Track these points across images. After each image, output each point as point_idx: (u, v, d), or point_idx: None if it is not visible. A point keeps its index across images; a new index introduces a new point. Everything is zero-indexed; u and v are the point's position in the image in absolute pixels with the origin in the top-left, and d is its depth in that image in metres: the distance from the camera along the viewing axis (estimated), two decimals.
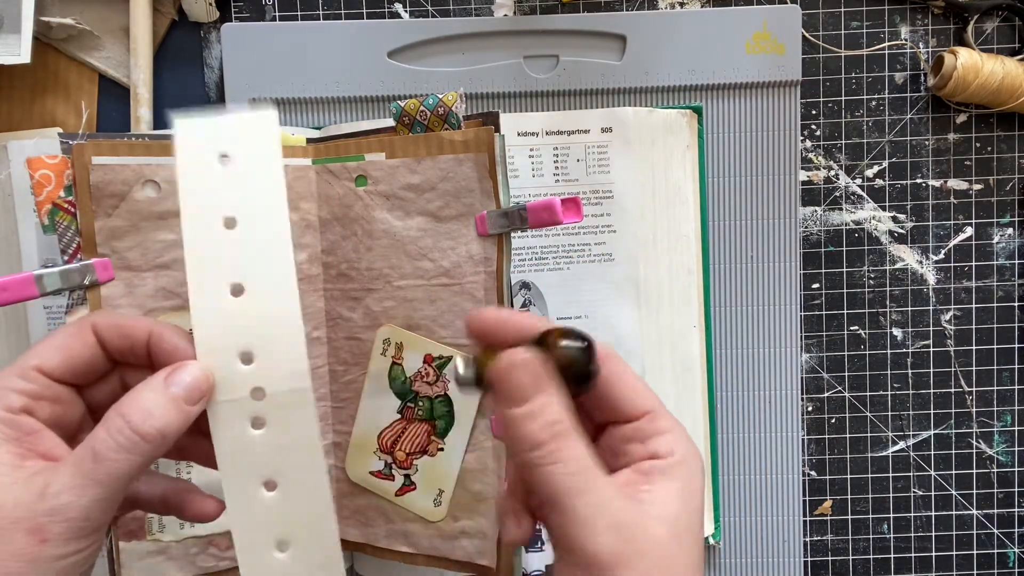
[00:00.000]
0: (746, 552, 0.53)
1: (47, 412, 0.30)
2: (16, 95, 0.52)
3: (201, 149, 0.32)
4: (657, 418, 0.31)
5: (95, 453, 0.28)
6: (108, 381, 0.33)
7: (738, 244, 0.52)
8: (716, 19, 0.51)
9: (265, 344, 0.31)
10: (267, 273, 0.31)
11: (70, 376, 0.31)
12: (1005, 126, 0.53)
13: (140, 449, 0.28)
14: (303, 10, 0.52)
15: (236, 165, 0.32)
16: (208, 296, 0.31)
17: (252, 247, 0.31)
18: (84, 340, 0.31)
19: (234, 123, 0.32)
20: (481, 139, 0.41)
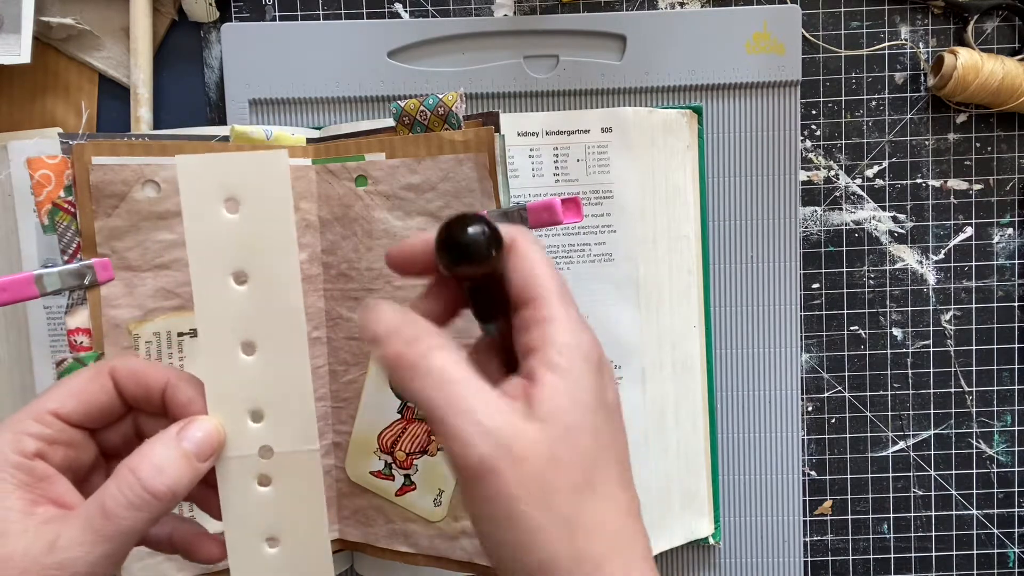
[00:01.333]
0: (746, 552, 0.53)
1: (60, 456, 0.30)
2: (16, 95, 0.52)
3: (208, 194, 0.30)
4: (539, 306, 0.29)
5: (105, 510, 0.28)
6: (122, 424, 0.33)
7: (738, 244, 0.52)
8: (716, 19, 0.51)
9: (276, 403, 0.31)
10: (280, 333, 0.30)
11: (86, 421, 0.31)
12: (1005, 126, 0.53)
13: (150, 506, 0.28)
14: (303, 10, 0.52)
15: (247, 212, 0.30)
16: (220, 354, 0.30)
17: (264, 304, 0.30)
18: (102, 385, 0.31)
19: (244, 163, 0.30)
20: (481, 139, 0.41)
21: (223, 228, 0.30)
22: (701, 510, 0.52)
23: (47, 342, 0.47)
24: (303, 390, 0.31)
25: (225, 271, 0.30)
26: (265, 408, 0.31)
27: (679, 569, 0.53)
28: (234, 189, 0.30)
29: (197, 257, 0.30)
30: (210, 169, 0.30)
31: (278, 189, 0.30)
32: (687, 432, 0.52)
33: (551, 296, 0.29)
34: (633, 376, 0.50)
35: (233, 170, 0.30)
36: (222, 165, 0.30)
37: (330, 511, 0.47)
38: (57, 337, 0.47)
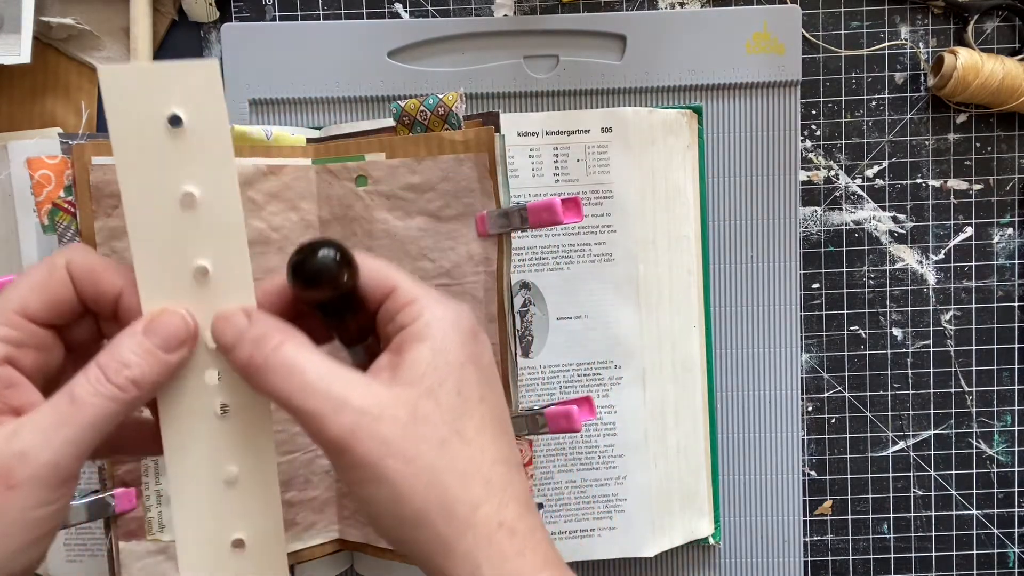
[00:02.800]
0: (746, 552, 0.53)
1: (30, 360, 0.29)
2: (16, 95, 0.52)
3: (140, 109, 0.28)
4: (400, 293, 0.29)
5: (72, 396, 0.27)
6: (86, 323, 0.31)
7: (738, 244, 0.52)
8: (716, 19, 0.51)
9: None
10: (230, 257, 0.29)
11: (52, 318, 0.29)
12: (1005, 126, 0.53)
13: (116, 398, 0.27)
14: (303, 10, 0.52)
15: (189, 129, 0.28)
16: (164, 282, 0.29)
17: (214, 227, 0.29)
18: (61, 279, 0.29)
19: (179, 74, 0.28)
20: (481, 139, 0.41)
21: (160, 145, 0.28)
22: (701, 510, 0.52)
23: None
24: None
25: (171, 197, 0.28)
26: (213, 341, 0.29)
27: (679, 569, 0.53)
28: (168, 102, 0.28)
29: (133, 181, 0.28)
30: (142, 81, 0.28)
31: (214, 102, 0.28)
32: (687, 432, 0.52)
33: (408, 281, 0.30)
34: (633, 376, 0.50)
35: (166, 82, 0.28)
36: (154, 76, 0.28)
37: (330, 511, 0.47)
38: None
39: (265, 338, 0.28)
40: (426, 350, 0.28)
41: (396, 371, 0.28)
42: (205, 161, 0.28)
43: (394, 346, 0.29)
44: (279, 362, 0.27)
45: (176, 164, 0.28)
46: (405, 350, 0.28)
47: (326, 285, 0.28)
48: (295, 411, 0.27)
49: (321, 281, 0.28)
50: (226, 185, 0.29)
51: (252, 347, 0.28)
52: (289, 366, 0.27)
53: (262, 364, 0.27)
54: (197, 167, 0.28)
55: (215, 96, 0.28)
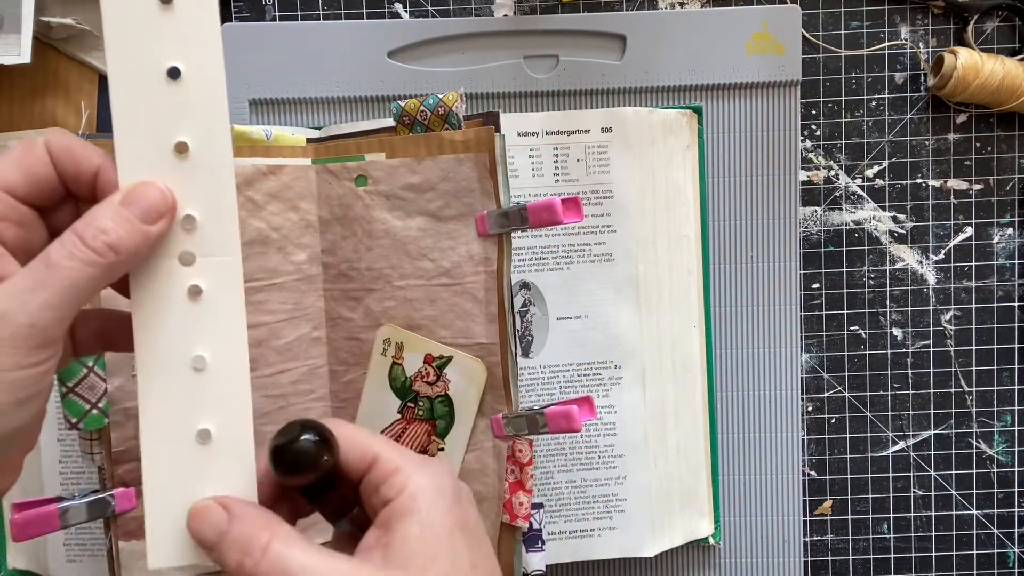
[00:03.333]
0: (746, 552, 0.53)
1: (12, 235, 0.29)
2: (16, 95, 0.52)
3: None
4: (382, 463, 0.30)
5: (48, 261, 0.27)
6: (67, 206, 0.31)
7: (738, 244, 0.52)
8: (716, 19, 0.51)
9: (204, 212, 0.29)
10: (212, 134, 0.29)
11: (33, 195, 0.29)
12: (1005, 126, 0.53)
13: (94, 261, 0.27)
14: (303, 10, 0.52)
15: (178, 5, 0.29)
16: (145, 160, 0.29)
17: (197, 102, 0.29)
18: (40, 158, 0.29)
19: None
20: (481, 139, 0.41)
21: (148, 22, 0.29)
22: (701, 510, 0.52)
23: None
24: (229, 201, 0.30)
25: (152, 65, 0.29)
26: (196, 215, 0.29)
27: (679, 569, 0.53)
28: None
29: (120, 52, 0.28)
30: None
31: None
32: (687, 432, 0.52)
33: (388, 450, 0.30)
34: (633, 376, 0.50)
35: None
36: None
37: None
38: None
39: (252, 541, 0.28)
40: (414, 526, 0.28)
41: (387, 551, 0.28)
42: (192, 35, 0.29)
43: (381, 521, 0.29)
44: (271, 567, 0.27)
45: (163, 37, 0.29)
46: (393, 527, 0.28)
47: (307, 470, 0.28)
48: None
49: (302, 467, 0.28)
50: (211, 60, 0.29)
51: (240, 553, 0.28)
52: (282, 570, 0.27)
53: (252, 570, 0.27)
54: (184, 41, 0.29)
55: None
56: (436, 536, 0.28)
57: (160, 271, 0.29)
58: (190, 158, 0.29)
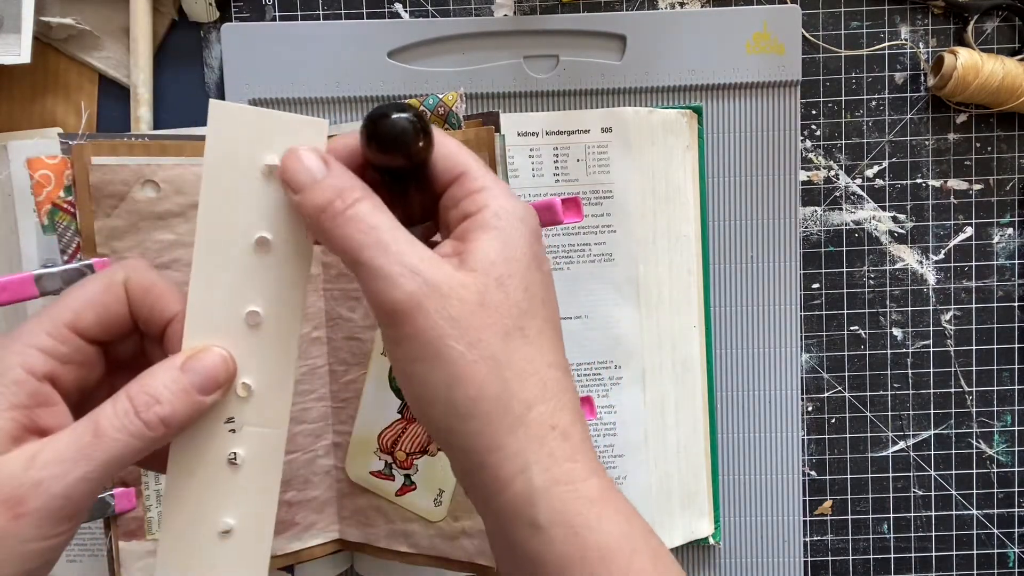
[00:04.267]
0: (746, 552, 0.53)
1: (72, 377, 0.28)
2: (16, 95, 0.52)
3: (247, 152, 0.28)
4: (469, 179, 0.28)
5: (97, 429, 0.26)
6: (132, 339, 0.30)
7: (738, 244, 0.52)
8: (716, 19, 0.51)
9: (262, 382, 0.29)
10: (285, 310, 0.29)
11: (101, 334, 0.28)
12: (1005, 126, 0.53)
13: (143, 435, 0.26)
14: (303, 10, 0.52)
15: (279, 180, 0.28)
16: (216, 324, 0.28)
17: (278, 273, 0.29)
18: (116, 296, 0.28)
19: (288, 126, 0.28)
20: (481, 139, 0.41)
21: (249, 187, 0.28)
22: (701, 510, 0.52)
23: None
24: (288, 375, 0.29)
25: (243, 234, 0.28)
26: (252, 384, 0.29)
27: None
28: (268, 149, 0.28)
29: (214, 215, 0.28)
30: (251, 122, 0.28)
31: None
32: (687, 432, 0.52)
33: (480, 168, 0.29)
34: (633, 376, 0.50)
35: (271, 129, 0.28)
36: (261, 121, 0.28)
37: (330, 511, 0.47)
38: None
39: (346, 190, 0.27)
40: (495, 240, 0.27)
41: (464, 257, 0.27)
42: (286, 211, 0.28)
43: (459, 232, 0.28)
44: (356, 214, 0.26)
45: (259, 209, 0.28)
46: (472, 238, 0.27)
47: (401, 150, 0.27)
48: (363, 266, 0.26)
49: (397, 145, 0.26)
50: (300, 238, 0.29)
51: (332, 193, 0.26)
52: (367, 220, 0.26)
53: (340, 212, 0.26)
54: (277, 216, 0.28)
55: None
56: (515, 257, 0.27)
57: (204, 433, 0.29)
58: (260, 328, 0.29)
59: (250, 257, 0.28)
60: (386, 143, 0.26)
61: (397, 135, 0.26)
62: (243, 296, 0.28)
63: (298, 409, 0.45)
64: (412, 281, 0.26)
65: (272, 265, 0.29)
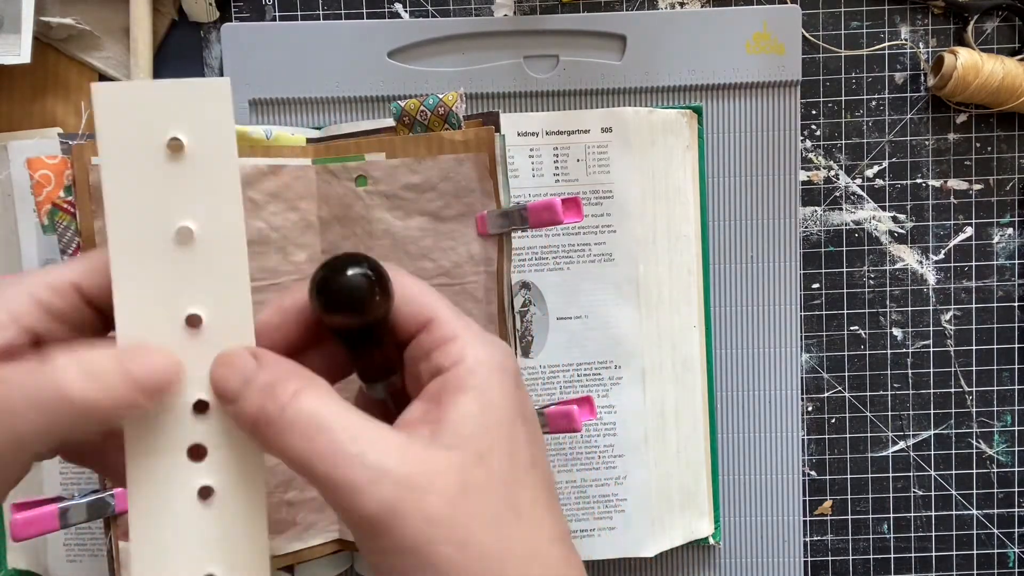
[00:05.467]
0: (746, 552, 0.53)
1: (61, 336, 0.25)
2: (16, 95, 0.52)
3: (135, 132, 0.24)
4: (439, 326, 0.25)
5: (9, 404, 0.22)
6: None
7: (738, 244, 0.52)
8: (716, 19, 0.51)
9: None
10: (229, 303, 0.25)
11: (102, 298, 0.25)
12: (1005, 126, 0.53)
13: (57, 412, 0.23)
14: (303, 10, 0.52)
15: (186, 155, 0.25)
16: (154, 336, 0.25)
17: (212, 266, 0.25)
18: None
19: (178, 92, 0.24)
20: (481, 139, 0.41)
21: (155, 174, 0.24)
22: (701, 510, 0.52)
23: None
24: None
25: (159, 226, 0.25)
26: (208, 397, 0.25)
27: (679, 569, 0.53)
28: (168, 126, 0.24)
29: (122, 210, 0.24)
30: (137, 100, 0.24)
31: (223, 124, 0.25)
32: (687, 432, 0.52)
33: (449, 312, 0.26)
34: (633, 376, 0.50)
35: (165, 102, 0.24)
36: (152, 94, 0.24)
37: (330, 511, 0.47)
38: None
39: (278, 385, 0.23)
40: (472, 404, 0.24)
41: (437, 427, 0.24)
42: (208, 192, 0.25)
43: (430, 394, 0.25)
44: (297, 416, 0.23)
45: (173, 194, 0.25)
46: (445, 402, 0.24)
47: (356, 311, 0.24)
48: (320, 480, 0.23)
49: (351, 306, 0.24)
50: (230, 220, 0.25)
51: (263, 397, 0.23)
52: (310, 422, 0.23)
53: (276, 418, 0.23)
54: (198, 198, 0.25)
55: (223, 119, 0.25)
56: (497, 421, 0.24)
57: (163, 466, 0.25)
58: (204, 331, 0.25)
59: (173, 250, 0.25)
60: (338, 305, 0.24)
61: (350, 294, 0.24)
62: (178, 296, 0.25)
63: None
64: (382, 487, 0.22)
65: (202, 255, 0.25)
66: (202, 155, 0.25)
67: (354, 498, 0.22)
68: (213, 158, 0.25)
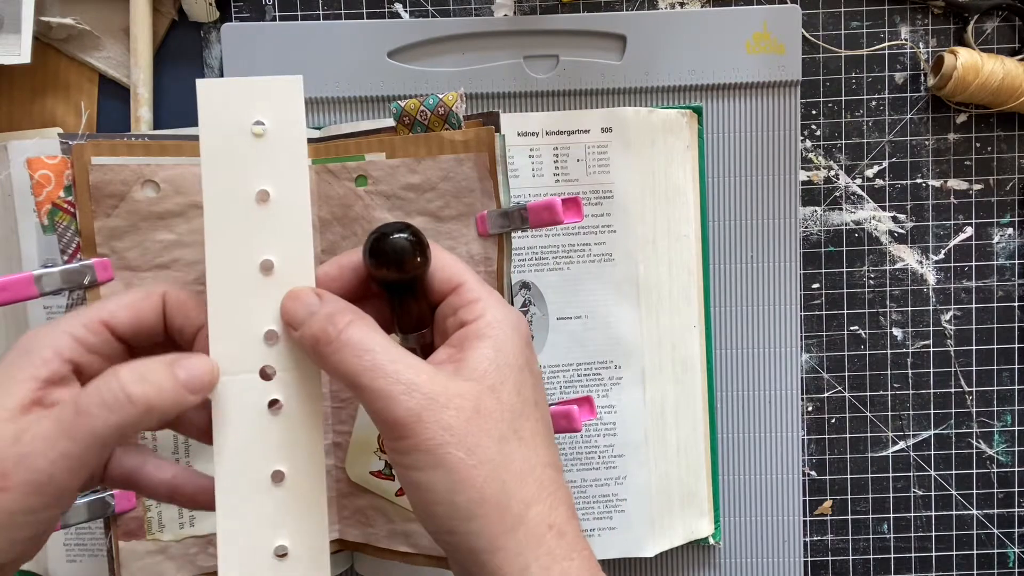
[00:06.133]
0: (746, 552, 0.53)
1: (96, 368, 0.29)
2: (16, 95, 0.52)
3: (226, 115, 0.31)
4: (466, 289, 0.31)
5: (78, 406, 0.27)
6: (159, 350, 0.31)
7: (738, 244, 0.52)
8: (716, 19, 0.51)
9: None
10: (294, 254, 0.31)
11: (132, 336, 0.31)
12: (1005, 126, 0.53)
13: (123, 409, 0.27)
14: (303, 10, 0.52)
15: (266, 135, 0.31)
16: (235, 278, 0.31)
17: (283, 223, 0.31)
18: (154, 305, 0.31)
19: (266, 87, 0.31)
20: (481, 139, 0.41)
21: (242, 149, 0.31)
22: (701, 510, 0.52)
23: None
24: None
25: (243, 191, 0.31)
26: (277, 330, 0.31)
27: (679, 569, 0.53)
28: (253, 111, 0.31)
29: (214, 181, 0.31)
30: (229, 91, 0.31)
31: (295, 112, 0.31)
32: (687, 432, 0.52)
33: (476, 280, 0.31)
34: (633, 376, 0.50)
35: (252, 92, 0.31)
36: (241, 87, 0.31)
37: (330, 511, 0.47)
38: None
39: (336, 315, 0.29)
40: (488, 348, 0.29)
41: (459, 365, 0.29)
42: (282, 162, 0.31)
43: (455, 340, 0.30)
44: (350, 339, 0.28)
45: (255, 165, 0.31)
46: (467, 347, 0.29)
47: (401, 266, 0.30)
48: (363, 389, 0.28)
49: (397, 261, 0.30)
50: (299, 184, 0.31)
51: (324, 322, 0.29)
52: (360, 344, 0.28)
53: (334, 339, 0.28)
54: (274, 168, 0.31)
55: (296, 105, 0.32)
56: (508, 363, 0.29)
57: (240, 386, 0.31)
58: (275, 275, 0.31)
59: (254, 209, 0.31)
60: (385, 260, 0.30)
61: (396, 252, 0.30)
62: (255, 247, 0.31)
63: None
64: (411, 397, 0.27)
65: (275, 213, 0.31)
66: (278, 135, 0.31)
67: (388, 403, 0.27)
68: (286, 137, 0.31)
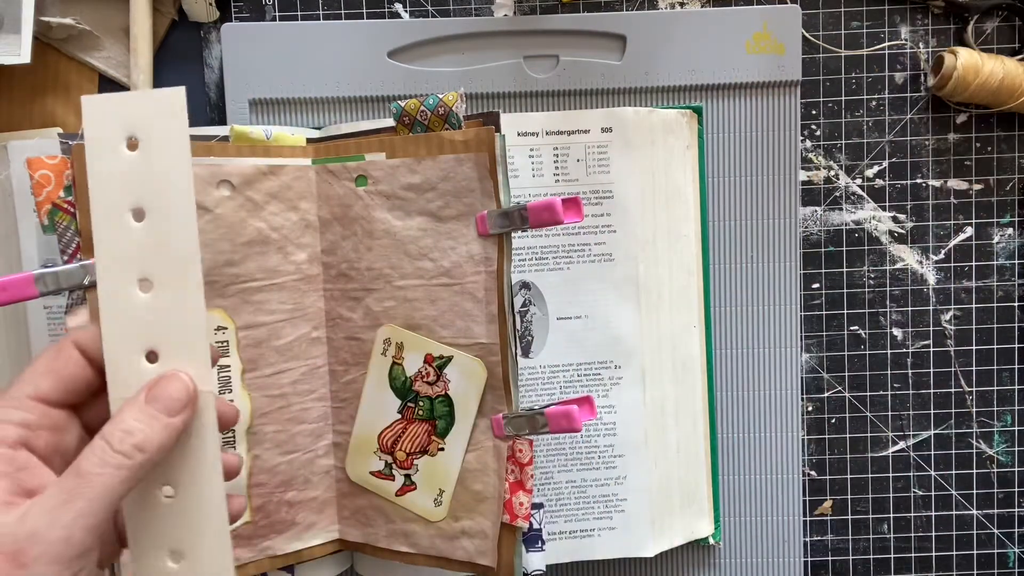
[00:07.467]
0: (746, 552, 0.53)
1: (43, 442, 0.30)
2: (16, 95, 0.52)
3: (109, 132, 0.31)
4: None
5: (79, 471, 0.28)
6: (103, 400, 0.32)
7: (738, 244, 0.52)
8: (716, 19, 0.51)
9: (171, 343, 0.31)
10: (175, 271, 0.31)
11: (65, 397, 0.31)
12: (1005, 126, 0.53)
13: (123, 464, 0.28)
14: (303, 10, 0.52)
15: (146, 150, 0.31)
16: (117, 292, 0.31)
17: (161, 242, 0.31)
18: (69, 357, 0.31)
19: (143, 101, 0.31)
20: (481, 139, 0.41)
21: (123, 165, 0.31)
22: (701, 510, 0.52)
23: (47, 342, 0.47)
24: (197, 330, 0.31)
25: (124, 208, 0.31)
26: (160, 348, 0.31)
27: (679, 569, 0.53)
28: (134, 128, 0.31)
29: (98, 194, 0.31)
30: (112, 107, 0.31)
31: (176, 127, 0.31)
32: (687, 432, 0.52)
33: None
34: (633, 376, 0.50)
35: (134, 109, 0.31)
36: (123, 104, 0.31)
37: (330, 511, 0.47)
38: (57, 337, 0.47)
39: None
40: None
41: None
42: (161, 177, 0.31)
43: None
44: None
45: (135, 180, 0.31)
46: None
47: None
48: None
49: None
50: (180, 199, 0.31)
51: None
52: None
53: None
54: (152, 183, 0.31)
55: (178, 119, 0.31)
56: None
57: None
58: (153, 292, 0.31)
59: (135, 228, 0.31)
60: None
61: None
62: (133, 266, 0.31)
63: (298, 409, 0.45)
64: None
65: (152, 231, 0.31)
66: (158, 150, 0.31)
67: None
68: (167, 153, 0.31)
